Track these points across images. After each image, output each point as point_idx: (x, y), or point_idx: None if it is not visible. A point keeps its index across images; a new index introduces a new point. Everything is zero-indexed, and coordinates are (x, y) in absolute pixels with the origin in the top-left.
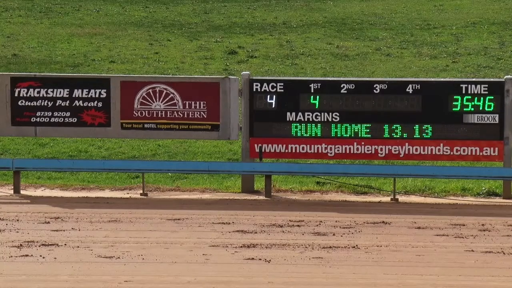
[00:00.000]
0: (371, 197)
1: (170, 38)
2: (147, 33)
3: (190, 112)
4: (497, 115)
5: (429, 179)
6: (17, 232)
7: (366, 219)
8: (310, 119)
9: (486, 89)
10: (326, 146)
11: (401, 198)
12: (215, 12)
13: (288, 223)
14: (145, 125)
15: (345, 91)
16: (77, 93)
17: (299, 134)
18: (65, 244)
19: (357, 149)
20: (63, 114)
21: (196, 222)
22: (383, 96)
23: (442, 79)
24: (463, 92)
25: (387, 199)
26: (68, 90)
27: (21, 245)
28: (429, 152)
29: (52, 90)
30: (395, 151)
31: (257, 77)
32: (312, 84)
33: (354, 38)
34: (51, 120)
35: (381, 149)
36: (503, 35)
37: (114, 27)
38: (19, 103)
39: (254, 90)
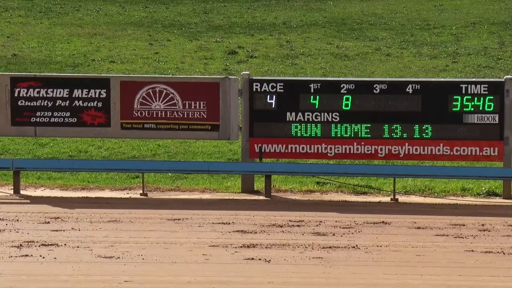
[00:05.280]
0: (371, 197)
1: (170, 38)
2: (147, 33)
3: (190, 112)
4: (497, 115)
5: (429, 179)
6: (17, 232)
7: (366, 219)
8: (310, 119)
9: (486, 89)
10: (326, 146)
11: (401, 198)
12: (215, 12)
13: (288, 223)
14: (145, 125)
15: (345, 91)
16: (77, 93)
17: (299, 134)
18: (65, 244)
19: (357, 149)
20: (63, 114)
21: (196, 222)
22: (383, 96)
23: (442, 79)
24: (463, 92)
25: (387, 199)
26: (68, 90)
27: (21, 245)
28: (429, 152)
29: (52, 90)
30: (395, 151)
31: (257, 77)
32: (312, 84)
33: (354, 38)
34: (51, 120)
35: (381, 149)
36: (503, 35)
37: (114, 27)
38: (19, 103)
39: (254, 90)
